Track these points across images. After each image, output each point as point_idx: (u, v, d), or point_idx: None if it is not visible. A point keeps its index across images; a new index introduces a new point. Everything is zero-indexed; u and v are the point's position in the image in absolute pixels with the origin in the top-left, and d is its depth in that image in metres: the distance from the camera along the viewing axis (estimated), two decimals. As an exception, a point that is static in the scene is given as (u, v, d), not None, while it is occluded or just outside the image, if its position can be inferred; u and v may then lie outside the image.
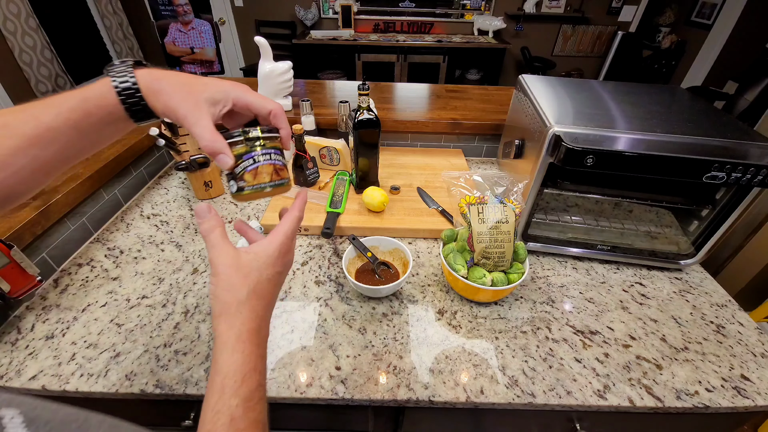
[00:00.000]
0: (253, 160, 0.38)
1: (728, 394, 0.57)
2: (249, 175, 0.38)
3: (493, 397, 0.55)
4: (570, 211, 0.89)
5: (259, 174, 0.38)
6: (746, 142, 0.64)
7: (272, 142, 0.40)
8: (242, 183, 0.38)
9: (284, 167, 0.40)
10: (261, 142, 0.38)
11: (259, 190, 0.38)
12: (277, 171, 0.39)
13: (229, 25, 3.87)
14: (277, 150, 0.40)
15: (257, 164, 0.38)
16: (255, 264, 0.35)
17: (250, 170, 0.38)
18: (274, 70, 1.11)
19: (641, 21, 3.98)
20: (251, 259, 0.35)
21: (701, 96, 0.88)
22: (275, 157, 0.39)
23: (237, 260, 0.35)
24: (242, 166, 0.38)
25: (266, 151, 0.38)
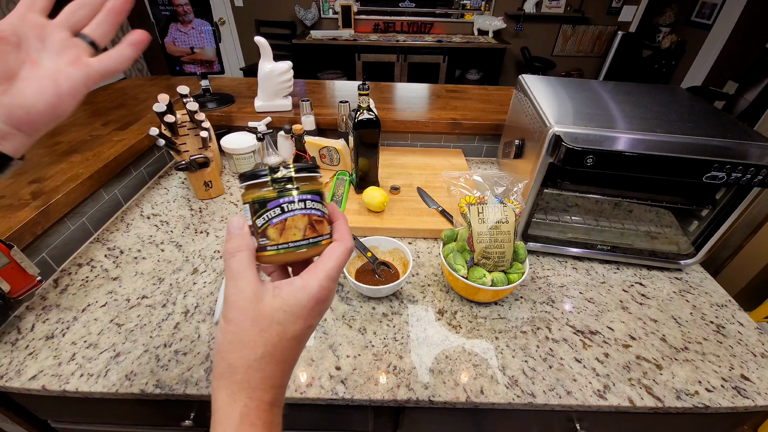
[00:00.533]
0: (281, 209, 0.29)
1: (728, 394, 0.57)
2: (273, 231, 0.29)
3: (493, 397, 0.55)
4: (570, 211, 0.89)
5: (287, 229, 0.29)
6: (746, 142, 0.64)
7: (310, 185, 0.30)
8: (264, 240, 0.29)
9: (323, 219, 0.31)
10: (294, 185, 0.29)
11: (288, 251, 0.29)
12: (313, 225, 0.30)
13: (229, 25, 3.88)
14: (315, 195, 0.30)
15: (286, 215, 0.29)
16: (279, 315, 0.27)
17: (276, 223, 0.29)
18: (274, 70, 1.11)
19: (641, 21, 3.98)
20: (276, 307, 0.27)
21: (701, 96, 0.88)
22: (312, 205, 0.30)
23: (257, 306, 0.26)
24: (265, 217, 0.29)
25: (301, 197, 0.29)
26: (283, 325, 0.27)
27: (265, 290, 0.27)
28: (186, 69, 1.17)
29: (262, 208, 0.29)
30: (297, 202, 0.29)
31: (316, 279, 0.28)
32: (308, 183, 0.30)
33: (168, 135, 0.85)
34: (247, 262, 0.27)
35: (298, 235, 0.29)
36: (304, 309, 0.27)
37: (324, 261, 0.29)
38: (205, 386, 0.55)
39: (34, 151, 0.90)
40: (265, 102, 1.16)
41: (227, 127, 1.16)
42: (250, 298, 0.26)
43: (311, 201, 0.30)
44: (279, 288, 0.27)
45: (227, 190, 1.01)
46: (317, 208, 0.30)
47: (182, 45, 1.12)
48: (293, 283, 0.28)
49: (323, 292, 0.28)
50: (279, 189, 0.29)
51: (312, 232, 0.30)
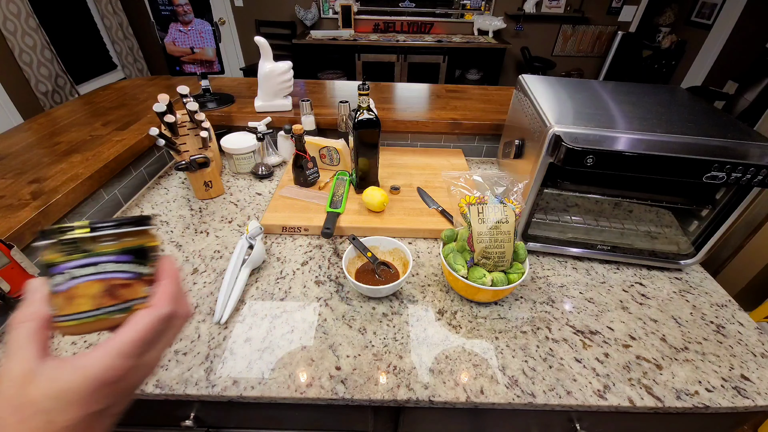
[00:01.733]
0: (66, 275, 0.25)
1: (728, 394, 0.57)
2: (61, 299, 0.25)
3: (493, 397, 0.55)
4: (570, 211, 0.89)
5: (76, 298, 0.25)
6: (746, 142, 0.64)
7: (117, 243, 0.26)
8: (54, 309, 0.25)
9: (135, 281, 0.27)
10: (89, 246, 0.25)
11: (81, 322, 0.25)
12: (112, 290, 0.26)
13: (229, 25, 3.88)
14: (122, 255, 0.26)
15: (70, 282, 0.25)
16: (45, 404, 0.22)
17: (60, 292, 0.25)
18: (274, 70, 1.11)
19: (641, 21, 3.98)
20: (43, 393, 0.22)
21: (701, 96, 0.88)
22: (114, 268, 0.26)
23: (22, 391, 0.22)
24: (52, 283, 0.25)
25: (94, 259, 0.25)
26: (49, 414, 0.22)
27: (41, 371, 0.23)
28: (186, 69, 1.17)
29: (48, 274, 0.25)
30: (86, 266, 0.25)
31: (101, 358, 0.24)
32: (116, 241, 0.26)
33: (168, 135, 0.85)
34: (27, 336, 0.24)
35: (88, 305, 0.25)
36: (78, 394, 0.22)
37: (119, 334, 0.25)
38: (205, 386, 0.55)
39: (34, 151, 0.90)
40: (265, 102, 1.16)
41: (227, 127, 1.16)
42: (17, 380, 0.22)
43: (113, 263, 0.26)
44: (60, 366, 0.23)
45: (227, 190, 1.01)
46: (123, 270, 0.26)
47: (182, 45, 1.12)
48: (72, 362, 0.23)
49: (111, 373, 0.23)
50: (67, 251, 0.25)
51: (110, 299, 0.25)
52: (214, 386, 0.55)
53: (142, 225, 0.28)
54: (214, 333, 0.63)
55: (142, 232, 0.28)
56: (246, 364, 0.58)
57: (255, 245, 0.73)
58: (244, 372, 0.57)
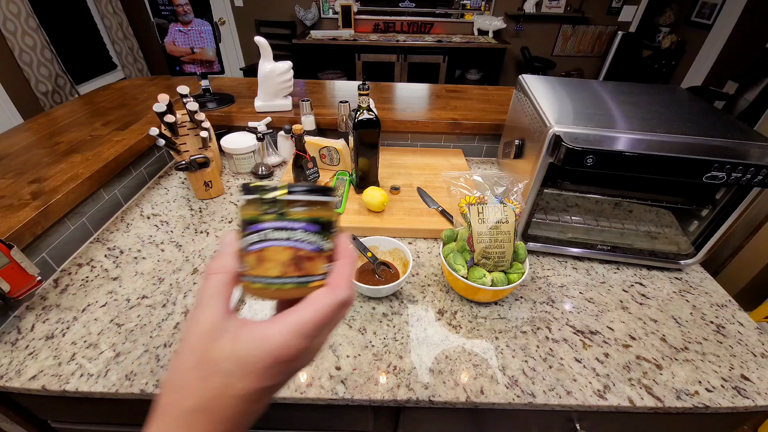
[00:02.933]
0: (260, 235, 0.24)
1: (728, 394, 0.57)
2: (251, 259, 0.24)
3: (493, 397, 0.55)
4: (570, 211, 0.89)
5: (264, 261, 0.24)
6: (746, 142, 0.64)
7: (308, 211, 0.25)
8: (244, 267, 0.25)
9: (317, 256, 0.25)
10: (284, 209, 0.24)
11: (264, 287, 0.24)
12: (298, 261, 0.24)
13: (229, 25, 3.88)
14: (312, 225, 0.25)
15: (263, 244, 0.24)
16: (226, 366, 0.21)
17: (252, 251, 0.24)
18: (274, 70, 1.11)
19: (641, 21, 3.98)
20: (226, 354, 0.22)
21: (701, 96, 0.88)
22: (302, 236, 0.24)
23: (208, 346, 0.22)
24: (246, 240, 0.24)
25: (289, 224, 0.24)
26: (227, 378, 0.21)
27: (226, 328, 0.22)
28: (186, 69, 1.17)
29: (246, 230, 0.24)
30: (280, 230, 0.24)
31: (280, 333, 0.22)
32: (307, 209, 0.25)
33: (168, 135, 0.85)
34: (218, 288, 0.23)
35: (275, 271, 0.24)
36: (255, 366, 0.22)
37: (298, 311, 0.23)
38: (205, 386, 0.55)
39: (34, 151, 0.90)
40: (265, 102, 1.16)
41: (227, 127, 1.16)
42: (204, 333, 0.22)
43: (303, 231, 0.24)
44: (242, 329, 0.22)
45: (227, 190, 1.01)
46: (310, 241, 0.24)
47: (182, 45, 1.12)
48: (254, 330, 0.22)
49: (287, 351, 0.22)
50: (265, 211, 0.24)
51: (295, 270, 0.24)
52: (214, 386, 0.55)
53: (330, 196, 0.26)
54: (214, 333, 0.63)
55: (327, 204, 0.26)
56: (246, 364, 0.58)
57: (255, 245, 0.73)
58: (244, 372, 0.57)
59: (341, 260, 0.26)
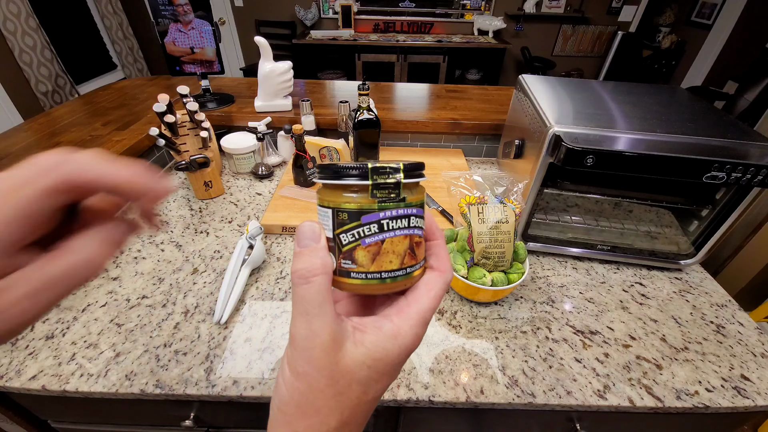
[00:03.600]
0: (379, 226, 0.21)
1: (728, 394, 0.57)
2: (364, 254, 0.21)
3: (493, 397, 0.55)
4: (570, 211, 0.89)
5: (383, 254, 0.21)
6: (746, 142, 0.64)
7: (416, 193, 0.22)
8: (347, 264, 0.22)
9: (423, 240, 0.23)
10: (401, 194, 0.21)
11: (380, 283, 0.22)
12: (413, 249, 0.22)
13: (229, 25, 3.88)
14: (420, 209, 0.22)
15: (384, 235, 0.21)
16: (362, 373, 0.20)
17: (369, 245, 0.21)
18: (274, 70, 1.11)
19: (641, 21, 3.98)
20: (359, 361, 0.20)
21: (701, 96, 0.88)
22: (416, 222, 0.22)
23: (335, 358, 0.20)
24: (355, 233, 0.21)
25: (406, 211, 0.21)
26: (365, 385, 0.20)
27: (345, 334, 0.20)
28: (186, 69, 1.17)
29: (353, 221, 0.21)
30: (401, 218, 0.21)
31: (410, 327, 0.21)
32: (415, 191, 0.22)
33: (168, 135, 0.85)
34: (324, 291, 0.20)
35: (395, 263, 0.21)
36: (392, 364, 0.21)
37: (420, 300, 0.22)
38: (205, 386, 0.55)
39: (34, 151, 0.90)
40: (265, 102, 1.16)
41: (227, 127, 1.16)
42: (327, 346, 0.20)
43: (416, 217, 0.22)
44: (362, 331, 0.21)
45: (227, 190, 1.01)
46: (420, 225, 0.22)
47: (182, 45, 1.12)
48: (381, 328, 0.21)
49: (417, 342, 0.21)
50: (382, 198, 0.21)
51: (411, 260, 0.22)
52: (214, 386, 0.55)
53: (423, 175, 0.23)
54: (214, 333, 0.63)
55: (419, 184, 0.23)
56: (246, 364, 0.58)
57: (255, 245, 0.73)
58: (244, 372, 0.57)
59: (437, 241, 0.24)
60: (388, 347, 0.20)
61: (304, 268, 0.20)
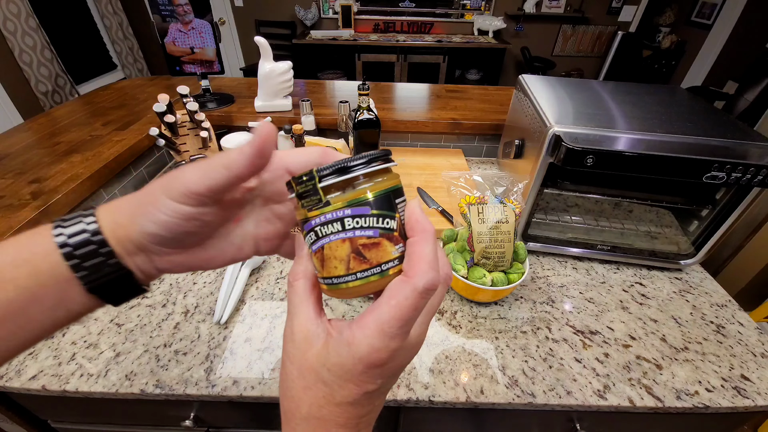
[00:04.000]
0: (315, 234, 0.22)
1: (728, 394, 0.57)
2: (316, 260, 0.22)
3: (493, 397, 0.55)
4: (570, 211, 0.89)
5: (327, 260, 0.22)
6: (746, 142, 0.64)
7: (349, 194, 0.21)
8: (315, 269, 0.23)
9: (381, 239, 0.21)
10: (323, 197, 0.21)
11: (337, 288, 0.22)
12: (359, 252, 0.21)
13: (229, 25, 3.88)
14: (359, 207, 0.21)
15: (320, 242, 0.21)
16: (324, 375, 0.21)
17: (315, 251, 0.22)
18: (274, 70, 1.11)
19: (641, 21, 3.98)
20: (321, 362, 0.21)
21: (701, 96, 0.88)
22: (354, 223, 0.21)
23: (304, 355, 0.21)
24: (307, 239, 0.23)
25: (331, 215, 0.21)
26: (330, 387, 0.21)
27: (318, 334, 0.21)
28: (186, 69, 1.17)
29: (304, 230, 0.22)
30: (331, 223, 0.21)
31: (364, 336, 0.20)
32: (348, 192, 0.21)
33: (168, 135, 0.85)
34: (303, 294, 0.23)
35: (341, 269, 0.21)
36: (350, 373, 0.20)
37: (377, 309, 0.20)
38: (205, 386, 0.55)
39: (34, 151, 0.90)
40: (265, 102, 1.16)
41: (227, 127, 1.16)
42: (299, 342, 0.22)
43: (351, 218, 0.21)
44: (331, 334, 0.21)
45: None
46: (364, 226, 0.21)
47: (182, 45, 1.12)
48: (342, 334, 0.21)
49: (377, 355, 0.20)
50: (308, 206, 0.21)
51: (361, 263, 0.21)
52: (214, 386, 0.55)
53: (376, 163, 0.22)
54: (214, 333, 0.63)
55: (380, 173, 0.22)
56: (246, 364, 0.58)
57: (255, 245, 0.73)
58: (244, 372, 0.57)
59: (413, 238, 0.22)
60: (342, 354, 0.20)
61: (290, 274, 0.24)
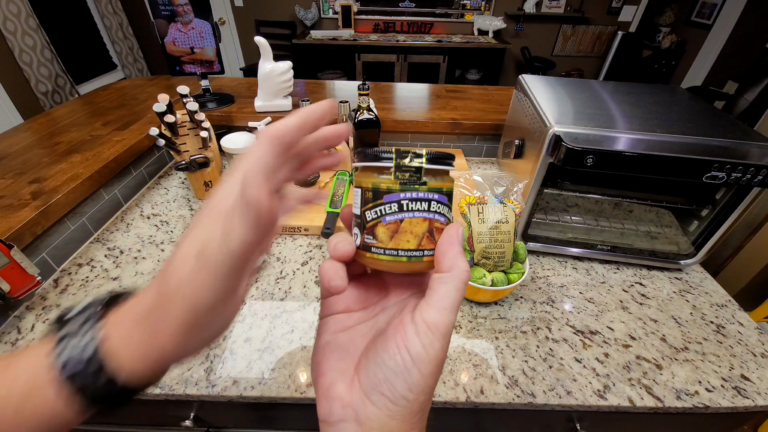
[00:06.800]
0: (399, 206, 0.23)
1: (728, 394, 0.57)
2: (384, 231, 0.23)
3: (493, 397, 0.55)
4: (570, 211, 0.89)
5: (401, 233, 0.23)
6: (746, 142, 0.64)
7: (440, 181, 0.24)
8: (370, 239, 0.23)
9: (443, 228, 0.24)
10: (423, 178, 0.23)
11: (395, 260, 0.23)
12: (432, 233, 0.23)
13: (229, 25, 3.88)
14: (443, 196, 0.23)
15: (403, 215, 0.23)
16: None
17: (389, 222, 0.23)
18: (274, 70, 1.11)
19: (641, 21, 3.98)
20: None
21: (701, 96, 0.88)
22: (437, 208, 0.23)
23: None
24: (378, 211, 0.23)
25: (427, 195, 0.23)
26: None
27: None
28: (186, 69, 1.17)
29: (376, 199, 0.23)
30: (421, 201, 0.23)
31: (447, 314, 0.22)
32: (439, 178, 0.24)
33: (168, 135, 0.85)
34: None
35: (412, 243, 0.23)
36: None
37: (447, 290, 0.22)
38: (205, 386, 0.55)
39: (34, 151, 0.90)
40: (265, 102, 1.16)
41: (227, 127, 1.16)
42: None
43: (437, 203, 0.23)
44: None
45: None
46: (442, 213, 0.23)
47: (182, 45, 1.12)
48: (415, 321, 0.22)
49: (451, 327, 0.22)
50: (403, 180, 0.23)
51: (429, 243, 0.23)
52: (214, 386, 0.55)
53: (452, 165, 0.24)
54: (214, 333, 0.63)
55: (449, 173, 0.25)
56: (246, 364, 0.58)
57: (255, 245, 0.73)
58: (244, 372, 0.57)
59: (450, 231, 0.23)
60: None
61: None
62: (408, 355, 0.20)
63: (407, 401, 0.20)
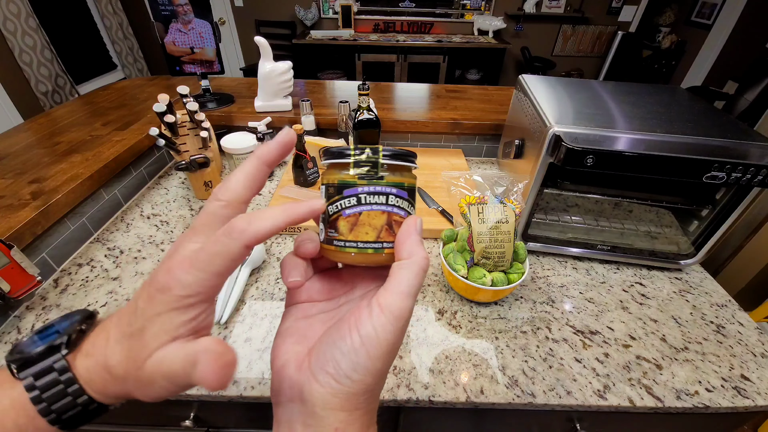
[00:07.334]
0: (357, 199, 0.24)
1: (728, 394, 0.57)
2: (344, 224, 0.24)
3: (493, 397, 0.55)
4: (570, 211, 0.89)
5: (359, 225, 0.24)
6: (746, 142, 0.64)
7: (398, 176, 0.25)
8: (332, 232, 0.24)
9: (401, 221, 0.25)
10: (380, 173, 0.24)
11: (358, 251, 0.24)
12: (391, 226, 0.24)
13: (229, 25, 3.88)
14: (402, 191, 0.25)
15: (360, 207, 0.24)
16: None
17: (348, 216, 0.24)
18: (274, 70, 1.11)
19: (641, 21, 3.98)
20: None
21: (701, 96, 0.88)
22: (396, 201, 0.24)
23: None
24: (338, 205, 0.24)
25: (384, 189, 0.24)
26: None
27: None
28: (186, 69, 1.17)
29: (337, 194, 0.24)
30: (379, 194, 0.24)
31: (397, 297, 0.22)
32: (398, 174, 0.25)
33: (168, 135, 0.85)
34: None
35: (371, 235, 0.24)
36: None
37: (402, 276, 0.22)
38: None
39: (34, 151, 0.90)
40: (265, 102, 1.16)
41: (227, 127, 1.16)
42: None
43: (396, 197, 0.24)
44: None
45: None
46: (402, 206, 0.24)
47: (182, 45, 1.12)
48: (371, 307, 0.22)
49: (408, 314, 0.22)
50: (360, 175, 0.24)
51: (388, 236, 0.24)
52: (214, 386, 0.55)
53: (414, 162, 0.26)
54: (214, 333, 0.63)
55: (411, 170, 0.26)
56: (246, 364, 0.58)
57: (255, 245, 0.73)
58: (244, 372, 0.57)
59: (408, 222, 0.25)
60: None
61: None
62: (358, 335, 0.21)
63: (351, 380, 0.21)
